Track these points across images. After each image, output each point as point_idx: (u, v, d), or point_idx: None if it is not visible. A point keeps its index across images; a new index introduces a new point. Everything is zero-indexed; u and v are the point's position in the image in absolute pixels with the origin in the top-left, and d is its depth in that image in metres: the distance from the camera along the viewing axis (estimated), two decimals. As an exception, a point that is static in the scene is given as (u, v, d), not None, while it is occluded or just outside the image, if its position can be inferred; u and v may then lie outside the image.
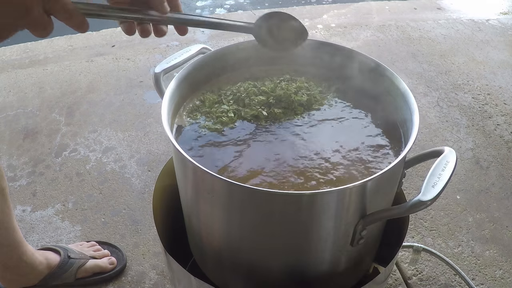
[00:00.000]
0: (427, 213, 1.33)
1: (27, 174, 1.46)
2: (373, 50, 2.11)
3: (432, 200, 0.60)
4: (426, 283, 1.15)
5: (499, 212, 1.35)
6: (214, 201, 0.68)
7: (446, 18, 2.48)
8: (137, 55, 2.06)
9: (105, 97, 1.80)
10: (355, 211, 0.65)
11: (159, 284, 1.15)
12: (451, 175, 0.63)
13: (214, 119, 0.78)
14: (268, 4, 3.03)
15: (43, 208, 1.35)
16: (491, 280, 1.17)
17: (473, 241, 1.26)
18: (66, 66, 1.99)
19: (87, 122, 1.67)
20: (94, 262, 1.13)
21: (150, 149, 1.55)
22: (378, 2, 2.67)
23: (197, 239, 0.81)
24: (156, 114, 1.70)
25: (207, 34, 2.28)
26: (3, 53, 2.13)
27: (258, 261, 0.73)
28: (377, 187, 0.64)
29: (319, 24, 2.38)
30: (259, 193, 0.61)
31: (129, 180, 1.44)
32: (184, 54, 0.82)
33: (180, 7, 0.64)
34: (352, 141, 0.75)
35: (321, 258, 0.72)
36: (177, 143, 0.66)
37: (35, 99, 1.80)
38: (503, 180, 1.46)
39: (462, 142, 1.60)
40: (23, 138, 1.61)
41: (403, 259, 1.21)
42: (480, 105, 1.78)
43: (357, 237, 0.67)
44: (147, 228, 1.28)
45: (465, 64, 2.04)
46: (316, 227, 0.66)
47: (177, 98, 0.79)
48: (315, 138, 0.76)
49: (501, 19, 2.45)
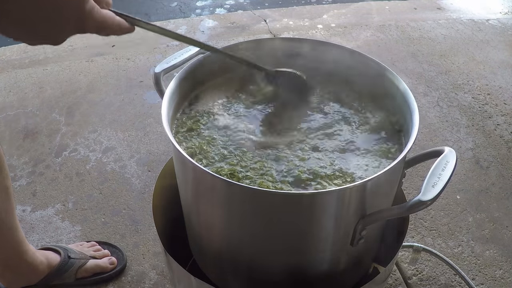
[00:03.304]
0: (427, 213, 1.33)
1: (27, 174, 1.46)
2: (373, 50, 2.11)
3: (432, 200, 0.60)
4: (426, 283, 1.15)
5: (499, 212, 1.35)
6: (214, 201, 0.68)
7: (446, 18, 2.48)
8: (137, 55, 2.06)
9: (105, 97, 1.80)
10: (355, 211, 0.65)
11: (159, 284, 1.15)
12: (451, 175, 0.63)
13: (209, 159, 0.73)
14: (268, 4, 3.03)
15: (43, 208, 1.35)
16: (491, 280, 1.17)
17: (473, 241, 1.26)
18: (66, 66, 1.99)
19: (87, 122, 1.67)
20: (94, 262, 1.13)
21: (150, 149, 1.55)
22: (378, 2, 2.67)
23: (197, 239, 0.81)
24: (156, 114, 1.70)
25: (207, 34, 2.28)
26: (3, 53, 2.13)
27: (258, 261, 0.73)
28: (377, 187, 0.65)
29: (319, 24, 2.38)
30: (259, 193, 0.61)
31: (129, 180, 1.44)
32: (184, 54, 0.82)
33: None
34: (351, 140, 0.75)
35: (321, 258, 0.72)
36: (177, 143, 0.66)
37: (35, 99, 1.80)
38: (503, 180, 1.46)
39: (462, 142, 1.60)
40: (23, 138, 1.61)
41: (403, 259, 1.21)
42: (480, 105, 1.78)
43: (357, 237, 0.67)
44: (147, 228, 1.28)
45: (465, 64, 2.04)
46: (316, 227, 0.66)
47: (177, 98, 0.79)
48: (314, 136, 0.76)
49: (501, 19, 2.45)
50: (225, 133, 0.77)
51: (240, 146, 0.74)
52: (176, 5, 3.08)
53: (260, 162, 0.70)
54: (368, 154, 0.73)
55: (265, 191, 0.61)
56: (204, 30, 2.32)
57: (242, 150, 0.73)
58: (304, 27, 2.36)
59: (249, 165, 0.70)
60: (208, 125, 0.78)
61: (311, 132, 0.77)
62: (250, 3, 3.05)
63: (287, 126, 0.79)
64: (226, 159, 0.71)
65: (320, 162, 0.71)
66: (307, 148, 0.74)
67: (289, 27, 2.37)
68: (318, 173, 0.68)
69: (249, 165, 0.70)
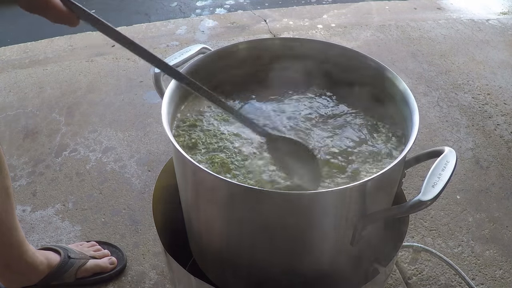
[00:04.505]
0: (427, 213, 1.33)
1: (27, 174, 1.46)
2: (373, 50, 2.11)
3: (432, 200, 0.60)
4: (426, 283, 1.15)
5: (499, 212, 1.35)
6: (214, 201, 0.68)
7: (446, 18, 2.48)
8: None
9: (105, 97, 1.80)
10: (355, 211, 0.65)
11: (159, 284, 1.15)
12: (451, 175, 0.63)
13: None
14: (268, 4, 3.03)
15: (43, 208, 1.35)
16: (491, 280, 1.17)
17: (473, 241, 1.26)
18: (66, 66, 1.99)
19: (87, 122, 1.67)
20: (95, 262, 1.13)
21: (150, 149, 1.55)
22: (378, 2, 2.67)
23: (197, 239, 0.81)
24: (156, 114, 1.70)
25: (207, 34, 2.28)
26: (3, 53, 2.13)
27: (257, 261, 0.73)
28: (377, 187, 0.64)
29: (319, 24, 2.38)
30: (259, 193, 0.61)
31: (129, 180, 1.44)
32: (184, 54, 0.82)
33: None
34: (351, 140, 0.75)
35: (321, 258, 0.72)
36: (177, 143, 0.66)
37: (35, 99, 1.80)
38: (503, 180, 1.46)
39: (462, 142, 1.60)
40: (23, 138, 1.61)
41: (403, 259, 1.21)
42: (480, 105, 1.78)
43: (357, 237, 0.67)
44: (147, 228, 1.28)
45: (465, 64, 2.04)
46: (316, 227, 0.66)
47: (177, 98, 0.79)
48: (314, 137, 0.76)
49: (501, 19, 2.45)
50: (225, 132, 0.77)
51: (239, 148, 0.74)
52: (176, 5, 3.08)
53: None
54: (368, 154, 0.73)
55: (265, 191, 0.61)
56: (204, 30, 2.32)
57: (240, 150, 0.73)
58: (304, 27, 2.36)
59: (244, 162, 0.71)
60: (210, 123, 0.79)
61: (311, 131, 0.77)
62: (250, 3, 3.05)
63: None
64: (222, 151, 0.73)
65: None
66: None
67: (289, 27, 2.37)
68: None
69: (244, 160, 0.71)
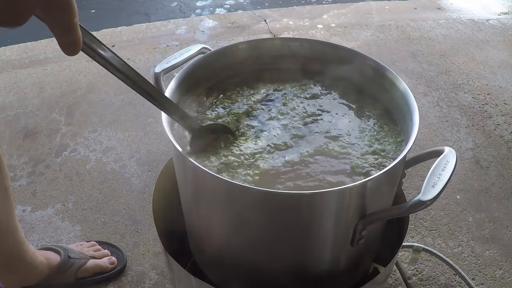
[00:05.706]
0: (427, 213, 1.33)
1: (27, 174, 1.46)
2: (373, 50, 2.11)
3: (432, 200, 0.60)
4: (426, 283, 1.15)
5: (499, 212, 1.35)
6: (214, 201, 0.68)
7: (446, 18, 2.48)
8: (137, 55, 2.06)
9: (105, 97, 1.80)
10: (355, 211, 0.65)
11: (159, 284, 1.15)
12: (451, 175, 0.63)
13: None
14: (268, 4, 3.03)
15: (43, 208, 1.35)
16: (491, 280, 1.17)
17: (473, 241, 1.26)
18: (66, 66, 1.99)
19: (87, 122, 1.67)
20: (95, 262, 1.13)
21: (150, 149, 1.55)
22: (378, 2, 2.67)
23: (197, 239, 0.81)
24: (156, 114, 1.70)
25: (207, 34, 2.28)
26: (3, 53, 2.13)
27: (258, 261, 0.73)
28: (377, 187, 0.64)
29: (319, 24, 2.38)
30: (258, 193, 0.61)
31: (129, 180, 1.44)
32: (184, 54, 0.82)
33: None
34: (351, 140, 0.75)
35: (321, 258, 0.72)
36: (177, 143, 0.66)
37: (35, 99, 1.80)
38: (503, 180, 1.46)
39: (462, 142, 1.60)
40: (23, 138, 1.61)
41: (403, 259, 1.21)
42: (480, 105, 1.78)
43: (357, 237, 0.67)
44: (147, 228, 1.28)
45: (465, 64, 2.04)
46: (316, 227, 0.66)
47: (177, 98, 0.79)
48: (314, 137, 0.76)
49: (501, 19, 2.45)
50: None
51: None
52: (176, 5, 3.08)
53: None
54: (368, 154, 0.73)
55: (265, 191, 0.61)
56: (204, 30, 2.32)
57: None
58: (304, 27, 2.36)
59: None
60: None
61: (311, 131, 0.77)
62: (250, 3, 3.05)
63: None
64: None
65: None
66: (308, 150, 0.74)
67: (289, 27, 2.37)
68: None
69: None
